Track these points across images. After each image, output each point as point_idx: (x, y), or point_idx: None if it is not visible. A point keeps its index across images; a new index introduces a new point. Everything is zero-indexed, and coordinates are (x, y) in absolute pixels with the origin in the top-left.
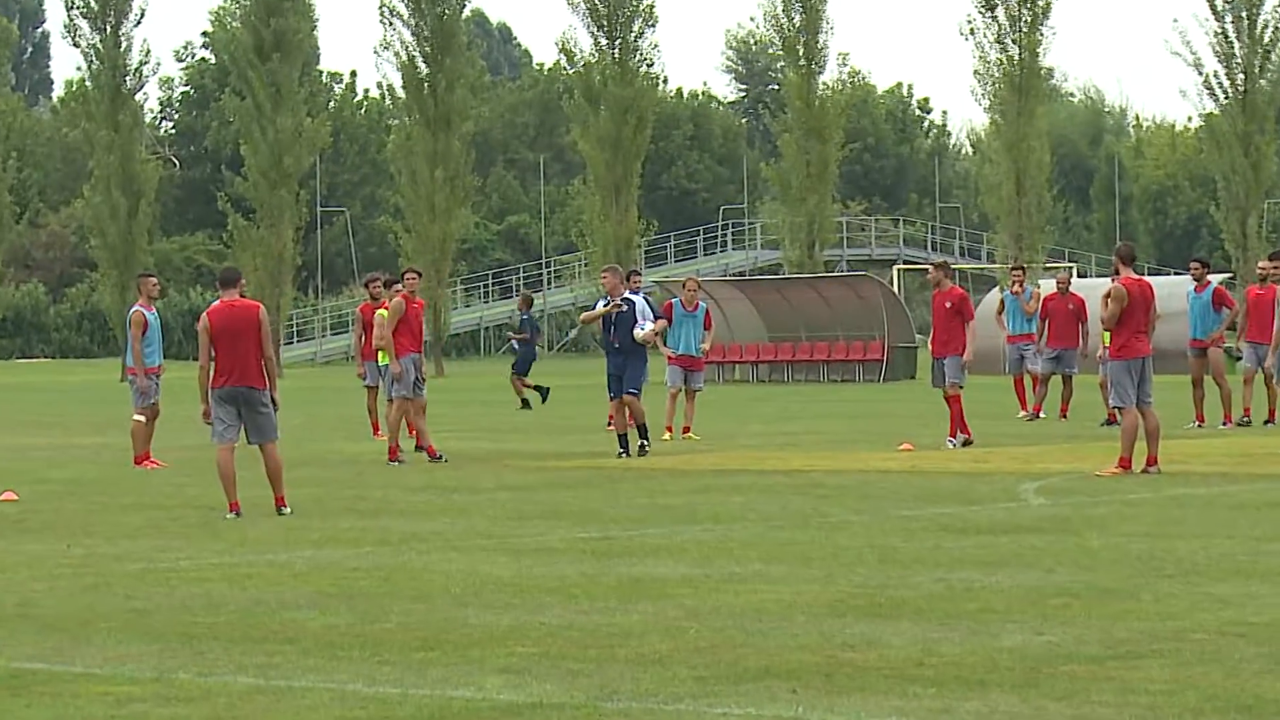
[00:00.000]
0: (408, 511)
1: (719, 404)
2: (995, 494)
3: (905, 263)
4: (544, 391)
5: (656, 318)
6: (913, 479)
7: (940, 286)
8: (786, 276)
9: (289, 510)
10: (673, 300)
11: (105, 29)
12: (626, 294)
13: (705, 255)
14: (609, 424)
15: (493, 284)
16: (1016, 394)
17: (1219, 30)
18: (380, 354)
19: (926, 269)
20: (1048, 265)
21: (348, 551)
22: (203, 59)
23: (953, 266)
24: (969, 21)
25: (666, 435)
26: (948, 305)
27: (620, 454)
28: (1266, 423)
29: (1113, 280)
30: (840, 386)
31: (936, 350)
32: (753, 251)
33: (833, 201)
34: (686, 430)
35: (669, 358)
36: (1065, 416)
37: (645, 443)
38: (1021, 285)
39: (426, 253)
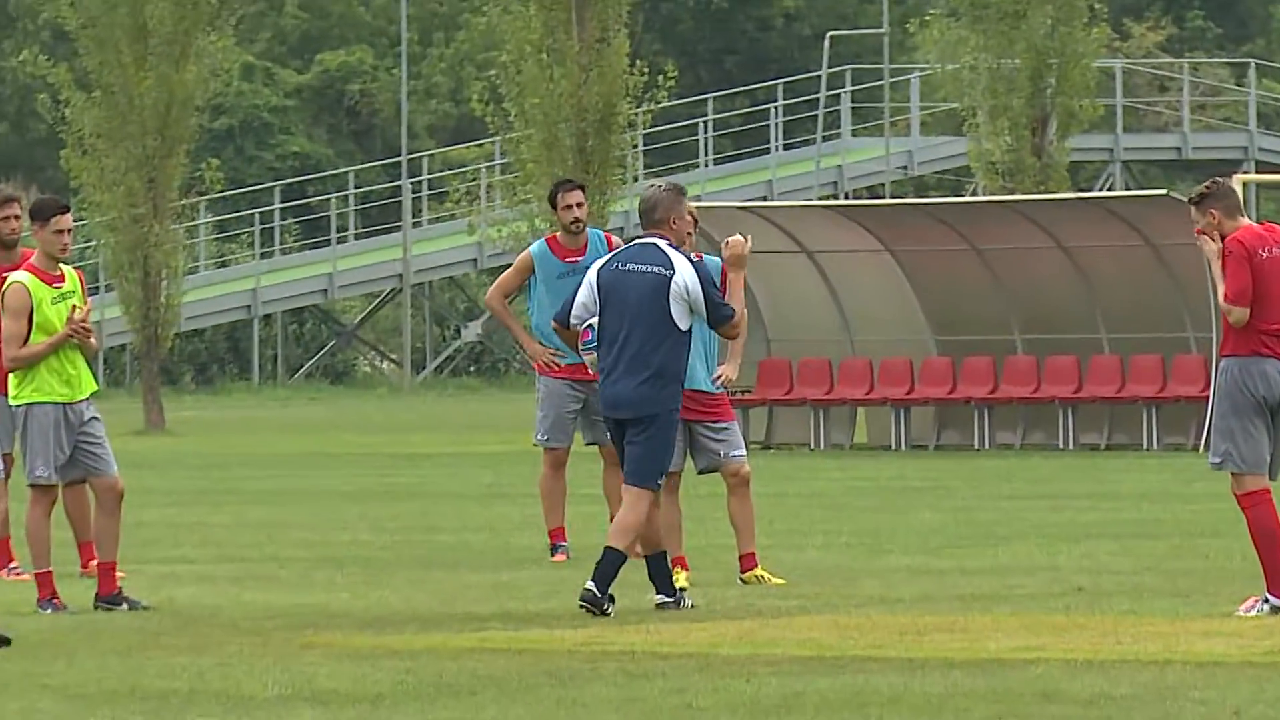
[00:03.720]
0: None
1: (813, 499)
2: None
3: (1262, 168)
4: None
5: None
6: (1276, 682)
7: (1220, 231)
8: (977, 201)
9: None
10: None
11: None
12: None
13: (788, 149)
14: (553, 547)
15: (285, 214)
16: None
17: None
18: (13, 380)
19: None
20: None
21: None
22: None
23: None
24: None
25: (680, 578)
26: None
27: (597, 602)
28: None
29: None
30: (1106, 458)
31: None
32: (902, 141)
33: (1087, 24)
34: (748, 565)
35: None
36: None
37: (666, 597)
38: None
39: (126, 139)
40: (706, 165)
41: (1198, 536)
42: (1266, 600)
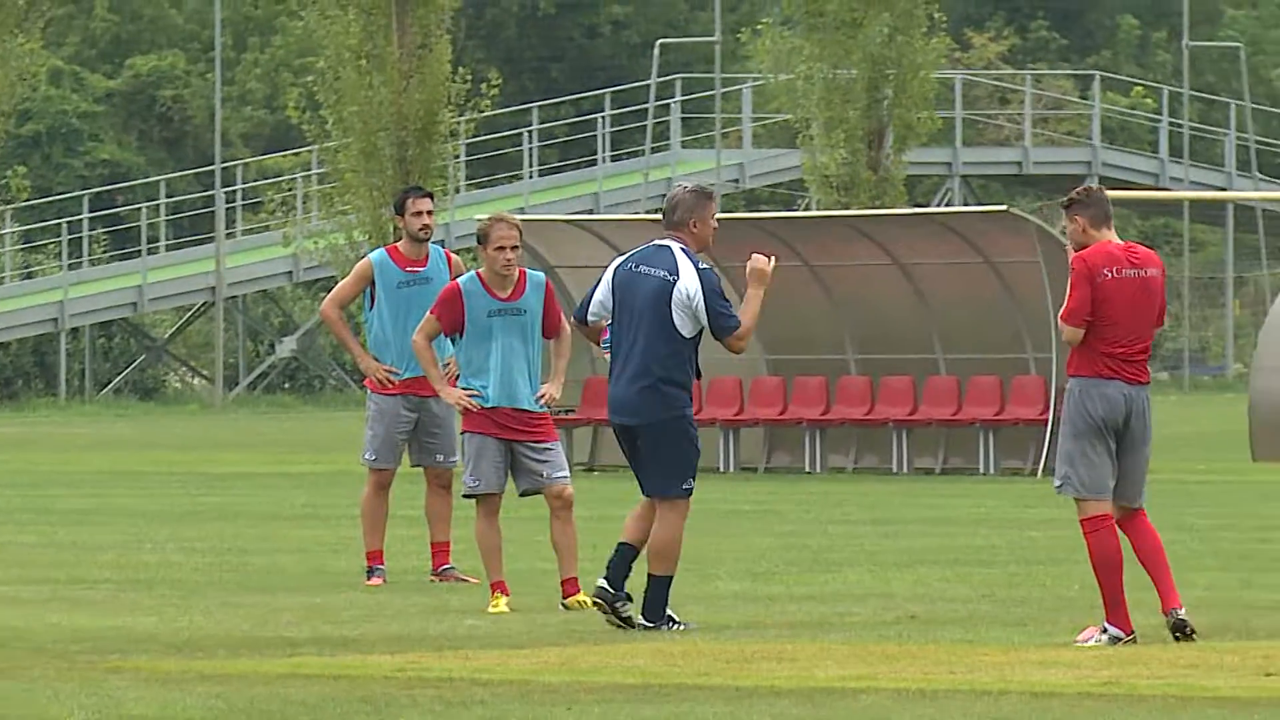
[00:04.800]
0: None
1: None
2: None
3: (1105, 184)
4: None
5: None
6: (1112, 714)
7: (1083, 241)
8: (811, 215)
9: None
10: (462, 277)
11: None
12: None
13: (616, 160)
14: (370, 570)
15: (93, 223)
16: None
17: None
18: None
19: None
20: None
21: None
22: None
23: (1146, 194)
24: None
25: (499, 603)
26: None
27: (676, 624)
28: None
29: None
30: (941, 483)
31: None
32: (734, 153)
33: (926, 34)
34: (571, 591)
35: (466, 413)
36: None
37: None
38: None
39: None
40: (531, 176)
41: (1035, 564)
42: (1105, 630)
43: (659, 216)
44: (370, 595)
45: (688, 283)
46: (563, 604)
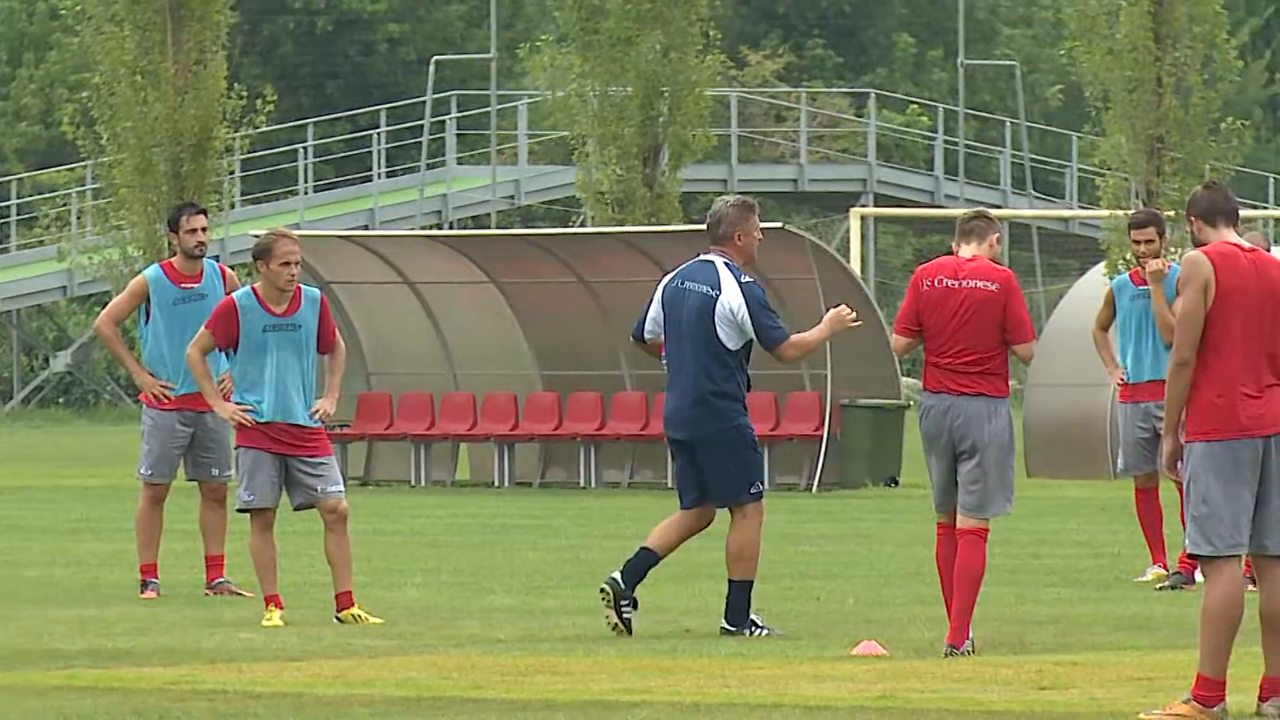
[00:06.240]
0: None
1: (413, 537)
2: None
3: (881, 201)
4: None
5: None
6: None
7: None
8: (586, 232)
9: None
10: (237, 292)
11: None
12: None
13: (391, 177)
14: (144, 584)
15: None
16: (1141, 525)
17: None
18: None
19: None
20: None
21: None
22: None
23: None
24: None
25: (273, 617)
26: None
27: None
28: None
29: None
30: None
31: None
32: (509, 169)
33: (704, 50)
34: (345, 603)
35: (241, 428)
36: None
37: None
38: (1161, 261)
39: None
40: (306, 193)
41: (809, 578)
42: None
43: (436, 232)
44: (144, 608)
45: (730, 297)
46: (337, 617)
